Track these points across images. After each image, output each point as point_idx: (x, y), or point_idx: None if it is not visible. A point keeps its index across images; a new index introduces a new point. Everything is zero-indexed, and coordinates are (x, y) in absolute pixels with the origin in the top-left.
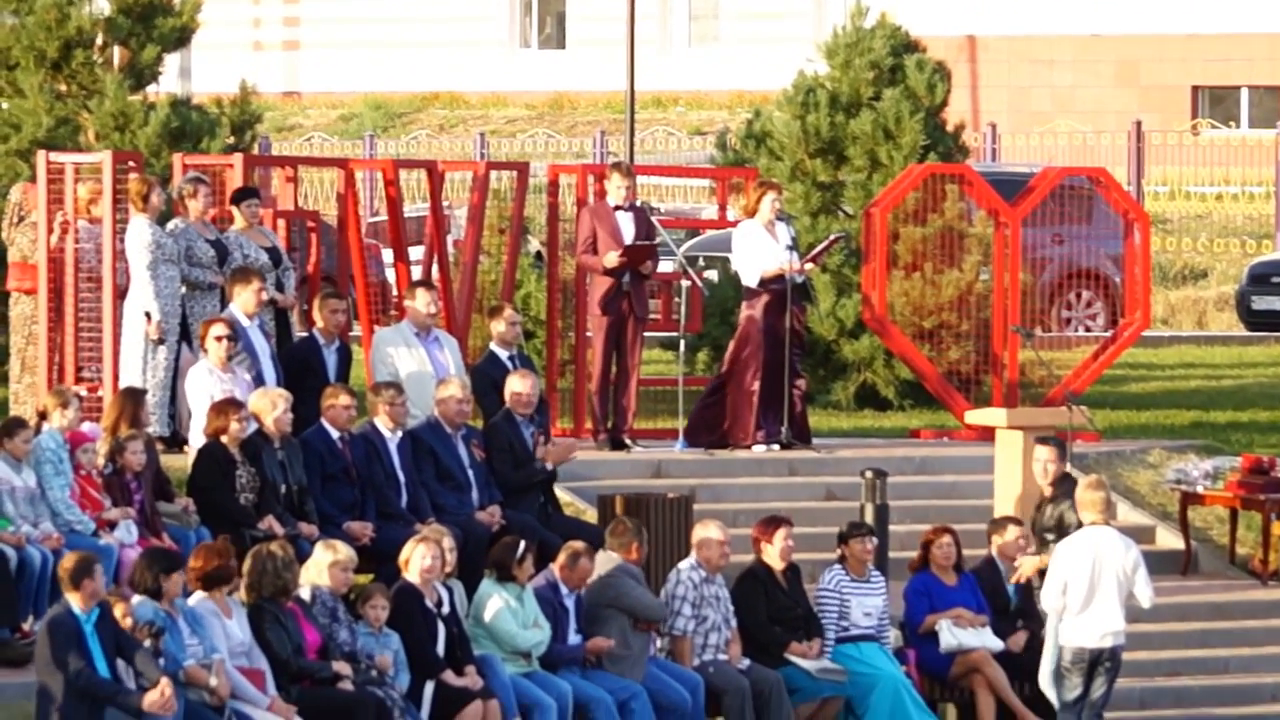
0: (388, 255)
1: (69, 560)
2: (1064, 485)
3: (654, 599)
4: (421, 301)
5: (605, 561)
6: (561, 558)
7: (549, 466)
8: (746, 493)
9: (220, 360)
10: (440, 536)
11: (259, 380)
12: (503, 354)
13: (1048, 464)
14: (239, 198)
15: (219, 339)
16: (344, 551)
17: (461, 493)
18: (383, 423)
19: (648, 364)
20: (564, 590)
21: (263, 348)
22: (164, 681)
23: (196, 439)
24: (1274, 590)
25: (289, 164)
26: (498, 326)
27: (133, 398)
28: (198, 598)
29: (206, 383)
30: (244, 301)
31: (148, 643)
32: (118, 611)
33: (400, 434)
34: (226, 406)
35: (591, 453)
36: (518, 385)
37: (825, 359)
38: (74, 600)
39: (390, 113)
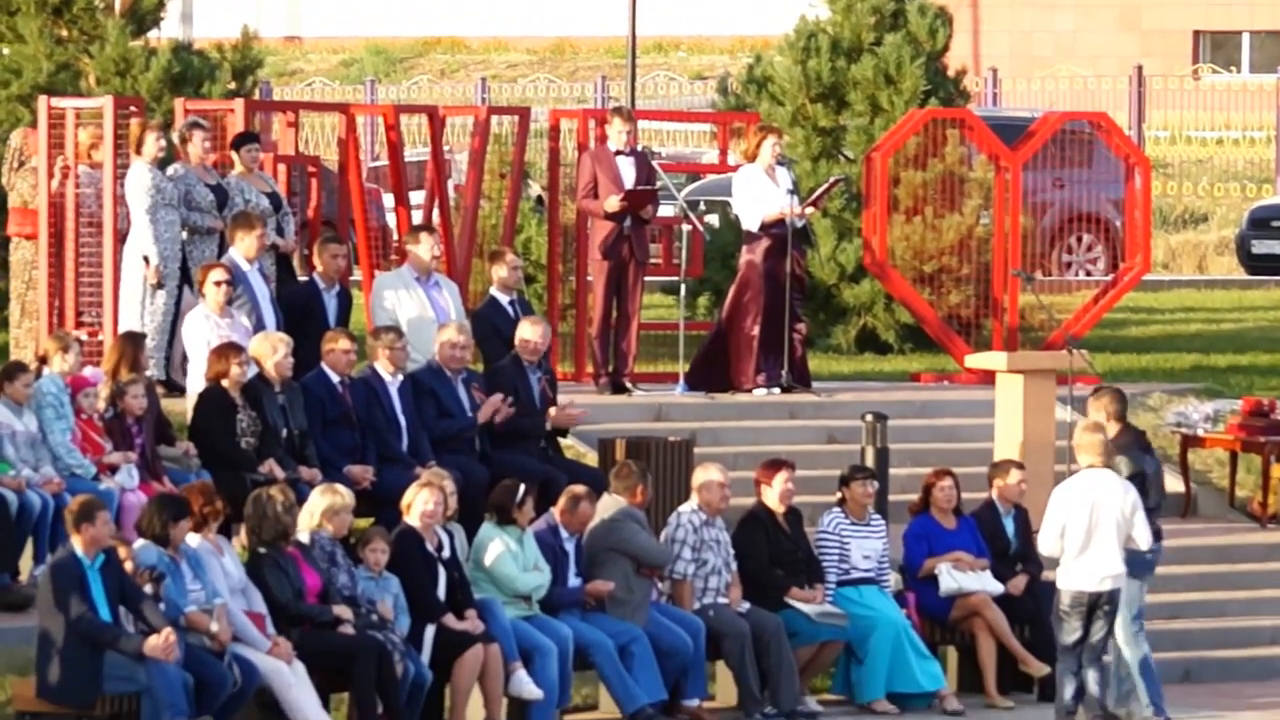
0: (388, 200)
1: (74, 504)
2: (1126, 436)
3: (658, 544)
4: (424, 247)
5: (609, 505)
6: (562, 502)
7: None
8: (747, 436)
9: (218, 305)
10: (441, 480)
11: (259, 325)
12: (503, 299)
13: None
14: (239, 143)
15: (218, 284)
16: (343, 495)
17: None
18: (383, 367)
19: (648, 308)
20: (564, 534)
21: (262, 292)
22: (167, 630)
23: (194, 384)
24: (1273, 533)
25: (290, 109)
26: (499, 271)
27: (133, 342)
28: (192, 539)
29: (204, 328)
30: (245, 247)
31: (148, 587)
32: (121, 554)
33: (400, 378)
34: (227, 351)
35: (592, 397)
36: (528, 332)
37: (826, 303)
38: (78, 544)
39: (391, 58)
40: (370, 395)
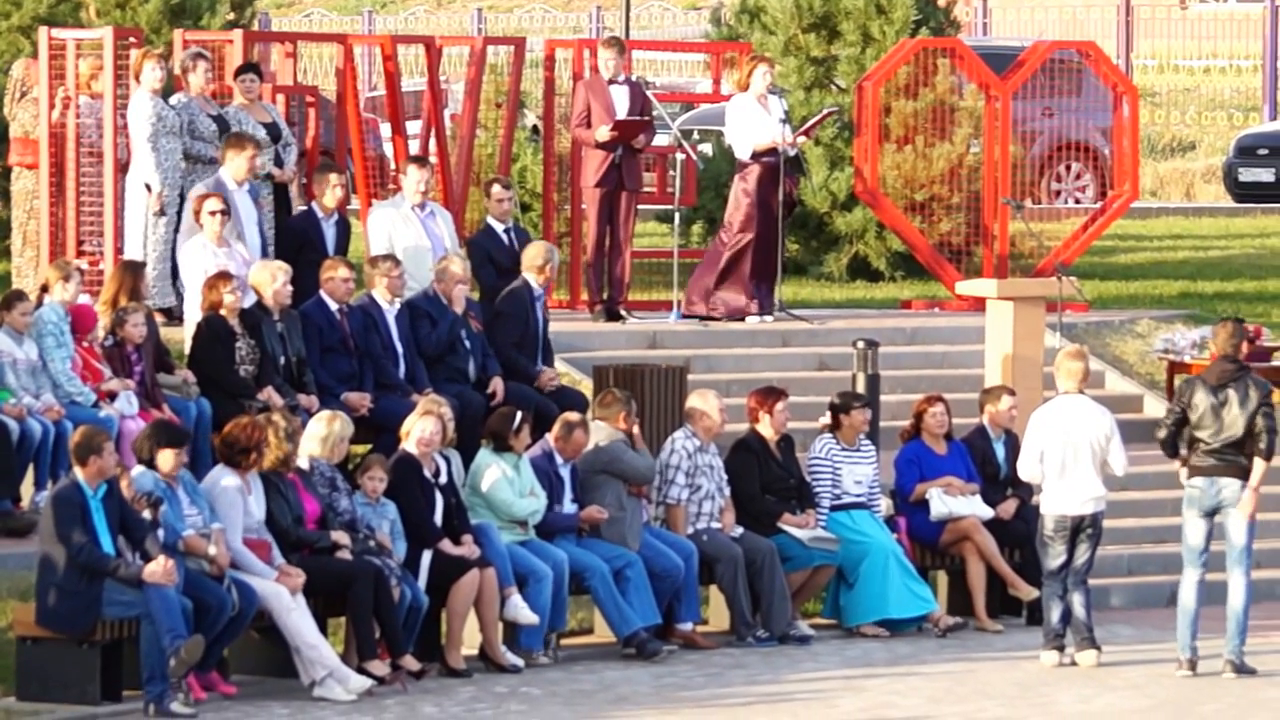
0: (385, 130)
1: (77, 435)
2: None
3: (644, 462)
4: (409, 180)
5: (596, 431)
6: (556, 429)
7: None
8: (740, 363)
9: (215, 235)
10: (439, 407)
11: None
12: (499, 227)
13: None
14: (239, 73)
15: (213, 214)
16: (342, 422)
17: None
18: (380, 294)
19: (643, 236)
20: (559, 460)
21: (249, 215)
22: (164, 557)
23: (192, 313)
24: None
25: (288, 40)
26: (487, 200)
27: (132, 270)
28: (218, 470)
29: (201, 257)
30: (235, 168)
31: (146, 513)
32: (122, 483)
33: (398, 305)
34: (217, 280)
35: (586, 324)
36: (539, 258)
37: (818, 231)
38: (81, 474)
39: None
40: (368, 323)
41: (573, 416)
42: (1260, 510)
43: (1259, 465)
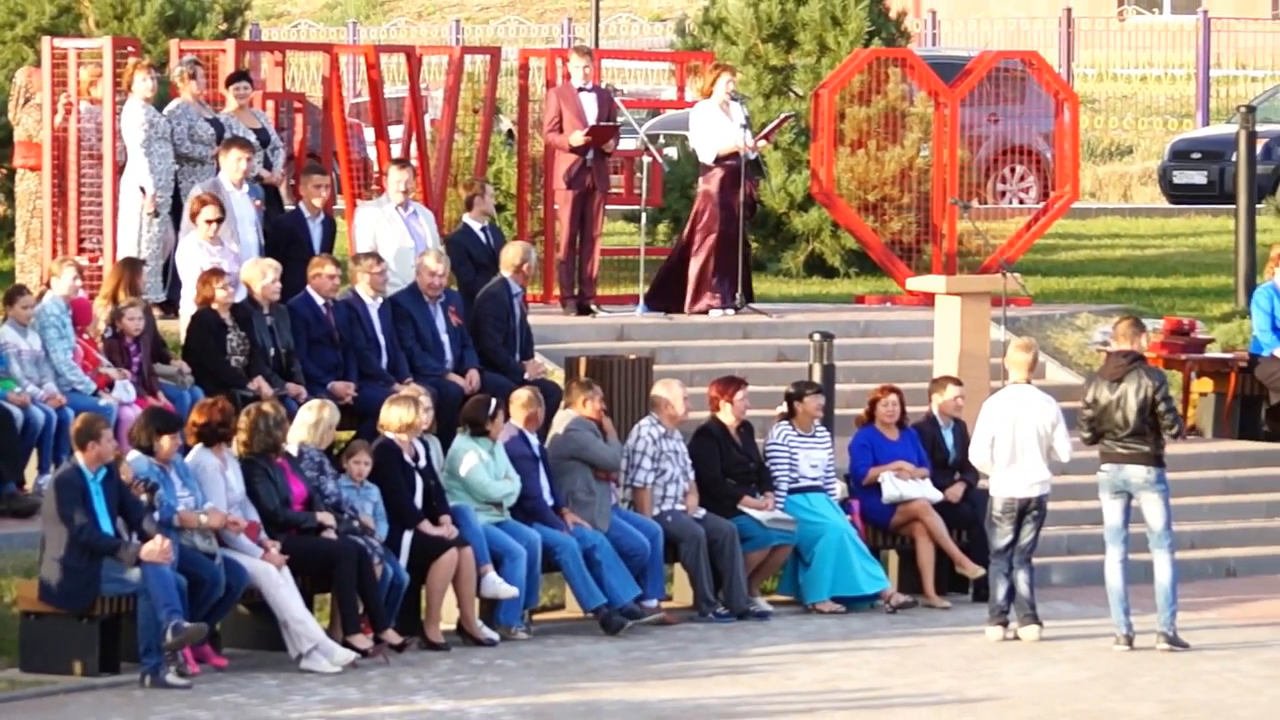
0: (369, 134)
1: (78, 422)
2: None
3: (610, 449)
4: (391, 181)
5: (564, 418)
6: (512, 409)
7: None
8: (703, 354)
9: (209, 236)
10: (419, 395)
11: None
12: (476, 226)
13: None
14: (231, 81)
15: (209, 222)
16: (330, 410)
17: (437, 355)
18: (364, 290)
19: (611, 235)
20: (532, 441)
21: (244, 214)
22: (160, 537)
23: (187, 306)
24: (1192, 444)
25: (277, 49)
26: (481, 203)
27: (130, 267)
28: (196, 452)
29: (196, 255)
30: (230, 170)
31: (144, 497)
32: (121, 470)
33: (380, 300)
34: (210, 276)
35: (558, 317)
36: (517, 257)
37: (776, 230)
38: (81, 459)
39: (372, 1)
40: (352, 316)
41: (522, 394)
42: (1182, 495)
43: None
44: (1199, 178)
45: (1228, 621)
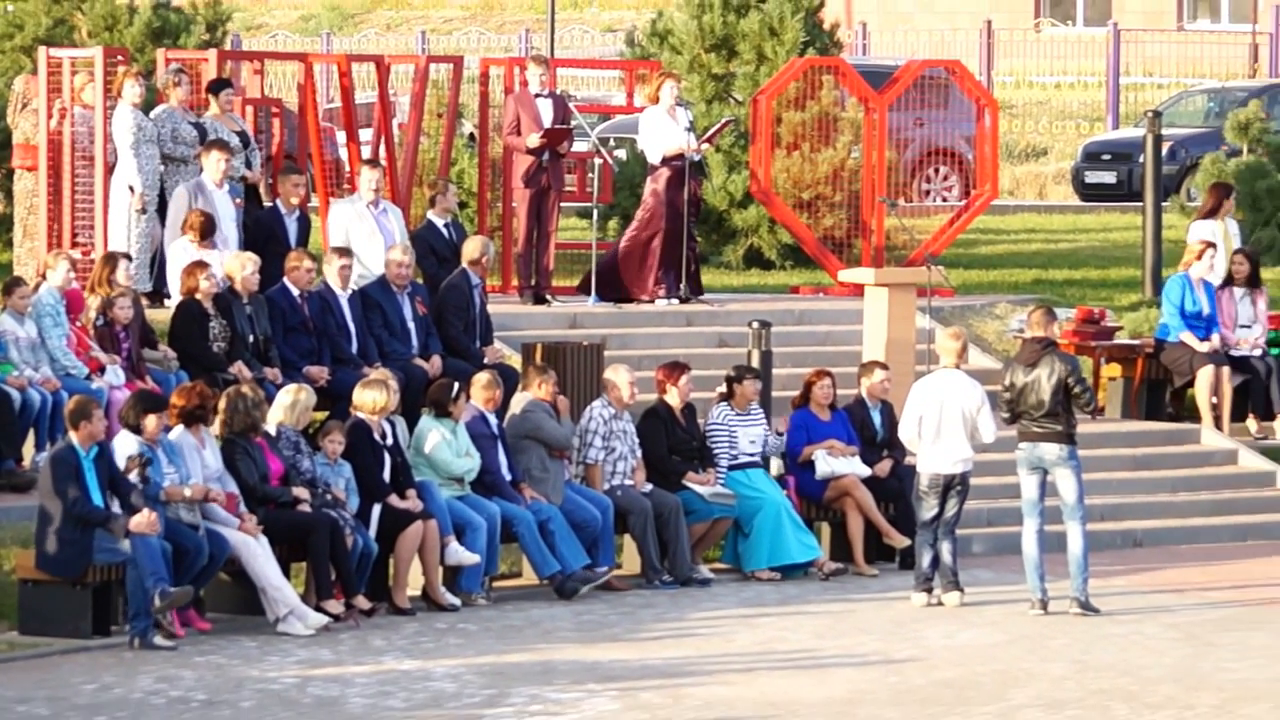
0: (341, 137)
1: (71, 404)
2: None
3: (562, 429)
4: (362, 180)
5: (520, 400)
6: (473, 392)
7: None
8: (650, 341)
9: (196, 241)
10: (387, 379)
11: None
12: (439, 222)
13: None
14: (215, 88)
15: (197, 237)
16: (307, 393)
17: (404, 341)
18: (333, 282)
19: (565, 230)
20: (492, 421)
21: (227, 211)
22: (147, 510)
23: (176, 297)
24: (1103, 424)
25: (256, 58)
26: (443, 201)
27: (110, 261)
28: (178, 432)
29: (190, 251)
30: (209, 169)
31: (135, 474)
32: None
33: (349, 291)
34: (194, 268)
35: (516, 306)
36: (476, 251)
37: (718, 226)
38: (75, 438)
39: (344, 14)
40: (324, 306)
41: (481, 376)
42: (1093, 471)
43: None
44: (1109, 177)
45: (1135, 588)
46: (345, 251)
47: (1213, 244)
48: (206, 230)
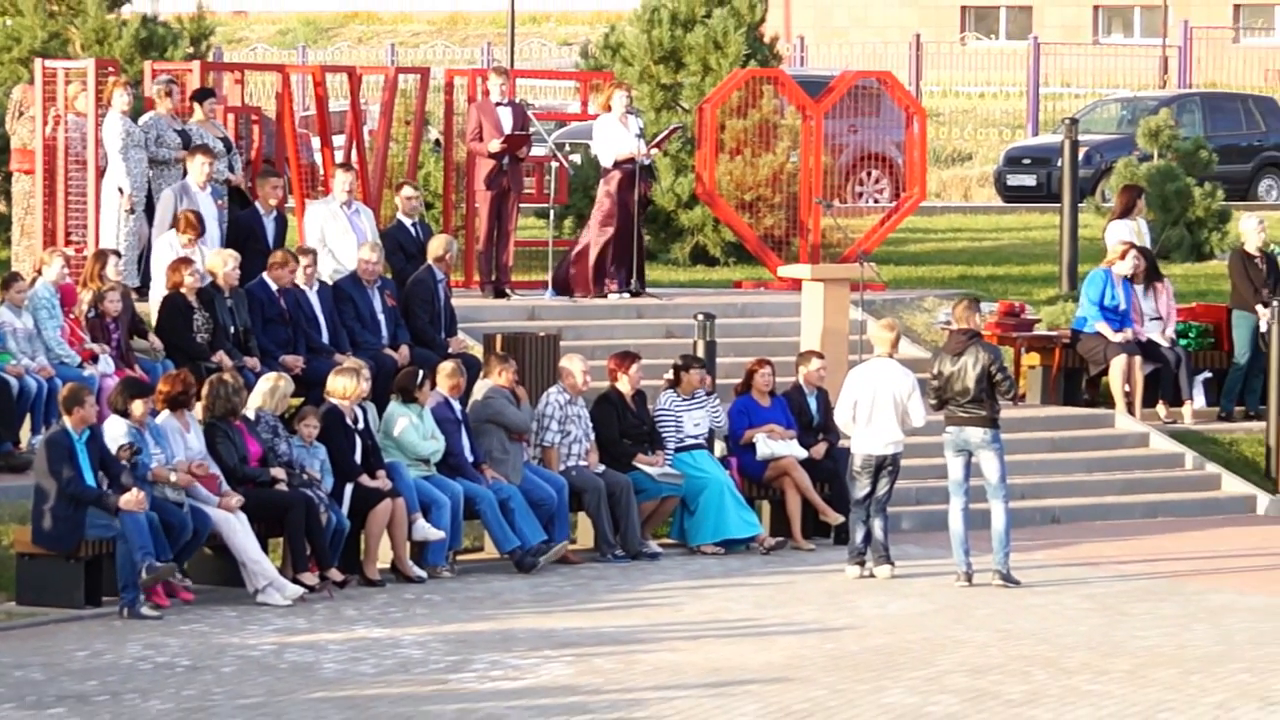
0: (316, 142)
1: (65, 390)
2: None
3: (521, 414)
4: (336, 183)
5: (482, 387)
6: (439, 379)
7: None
8: (603, 332)
9: (184, 244)
10: (358, 367)
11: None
12: (407, 222)
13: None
14: (200, 97)
15: (183, 242)
16: (285, 381)
17: (374, 332)
18: (299, 279)
19: (524, 229)
20: (456, 406)
21: (210, 213)
22: (135, 489)
23: (157, 291)
24: (1024, 409)
25: (237, 69)
26: (399, 199)
27: (99, 258)
28: (164, 416)
29: (174, 247)
30: (194, 173)
31: (125, 460)
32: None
33: (317, 286)
34: (179, 264)
35: (478, 300)
36: (441, 249)
37: (666, 225)
38: (68, 422)
39: (319, 28)
40: (297, 299)
41: (446, 365)
42: (1014, 453)
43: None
44: (1029, 180)
45: (1053, 561)
46: (306, 251)
47: (1134, 245)
48: (197, 228)
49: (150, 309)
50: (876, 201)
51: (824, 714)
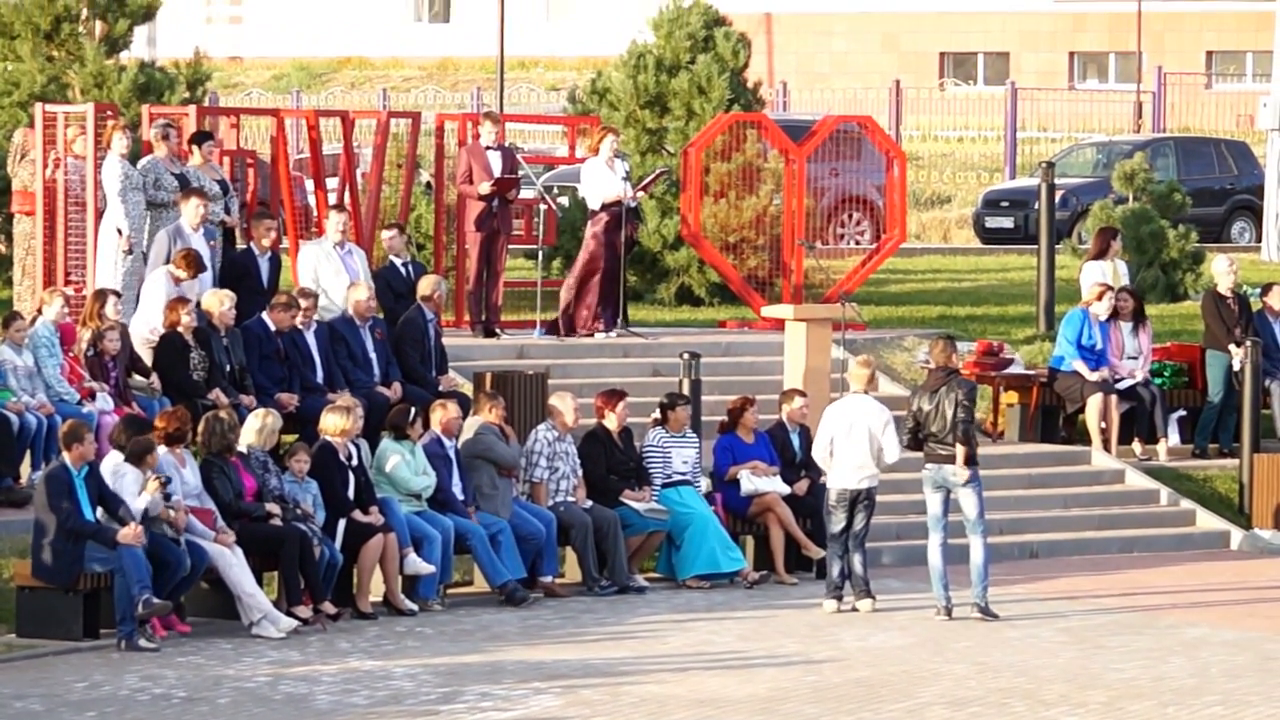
0: (310, 185)
1: (65, 427)
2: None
3: (510, 450)
4: (330, 224)
5: (473, 424)
6: (432, 416)
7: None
8: (590, 370)
9: (178, 280)
10: (351, 405)
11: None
12: (398, 262)
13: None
14: (199, 140)
15: (179, 276)
16: (274, 417)
17: (367, 370)
18: (299, 319)
19: (513, 270)
20: (447, 443)
21: (203, 252)
22: (133, 524)
23: (139, 326)
24: (1002, 446)
25: (233, 113)
26: (383, 239)
27: (99, 297)
28: (161, 452)
29: (166, 284)
30: (187, 215)
31: (158, 492)
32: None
33: (314, 326)
34: (175, 304)
35: (468, 339)
36: (429, 289)
37: (652, 266)
38: (68, 458)
39: (313, 73)
40: (293, 338)
41: (443, 403)
42: (993, 489)
43: (959, 450)
44: (1007, 222)
45: (1031, 595)
46: (308, 293)
47: (1111, 287)
48: (195, 267)
49: (132, 337)
50: (858, 243)
51: None
